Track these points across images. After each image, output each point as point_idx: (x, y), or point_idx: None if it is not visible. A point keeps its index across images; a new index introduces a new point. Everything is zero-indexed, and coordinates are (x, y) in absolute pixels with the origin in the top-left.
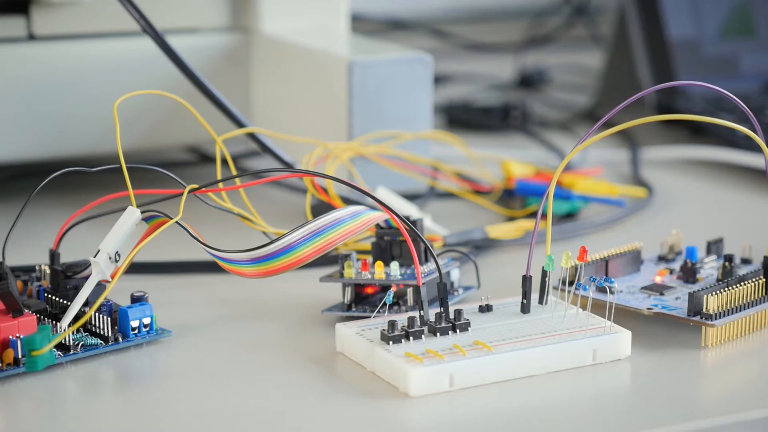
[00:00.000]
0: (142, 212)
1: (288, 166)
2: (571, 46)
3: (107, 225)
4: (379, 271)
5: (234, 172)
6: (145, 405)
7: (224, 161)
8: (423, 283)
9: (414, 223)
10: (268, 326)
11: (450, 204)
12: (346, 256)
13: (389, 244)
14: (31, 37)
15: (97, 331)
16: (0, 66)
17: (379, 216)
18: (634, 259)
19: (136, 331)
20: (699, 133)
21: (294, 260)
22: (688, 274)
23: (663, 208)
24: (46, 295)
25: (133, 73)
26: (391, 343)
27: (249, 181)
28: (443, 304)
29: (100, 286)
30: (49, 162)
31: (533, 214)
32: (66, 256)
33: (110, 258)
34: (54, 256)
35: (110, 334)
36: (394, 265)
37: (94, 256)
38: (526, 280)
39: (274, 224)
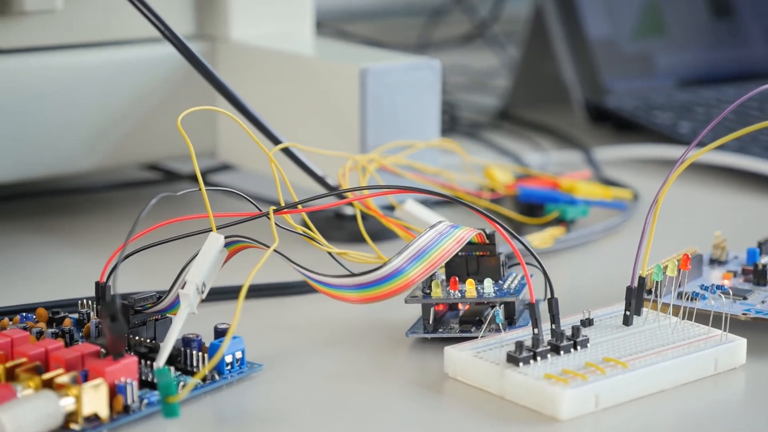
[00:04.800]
0: (225, 237)
1: (321, 181)
2: (457, 48)
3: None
4: (471, 288)
5: (292, 191)
6: None
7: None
8: (518, 300)
9: (491, 236)
10: (354, 352)
11: (446, 212)
12: (431, 275)
13: (465, 260)
14: None
15: (192, 369)
16: None
17: (470, 232)
18: (698, 264)
19: (230, 367)
20: (624, 131)
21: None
22: (759, 276)
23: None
24: None
25: (103, 85)
26: (521, 364)
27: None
28: (555, 320)
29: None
30: (16, 185)
31: (555, 221)
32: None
33: (197, 289)
34: (104, 289)
35: (207, 372)
36: (488, 283)
37: (182, 288)
38: (631, 292)
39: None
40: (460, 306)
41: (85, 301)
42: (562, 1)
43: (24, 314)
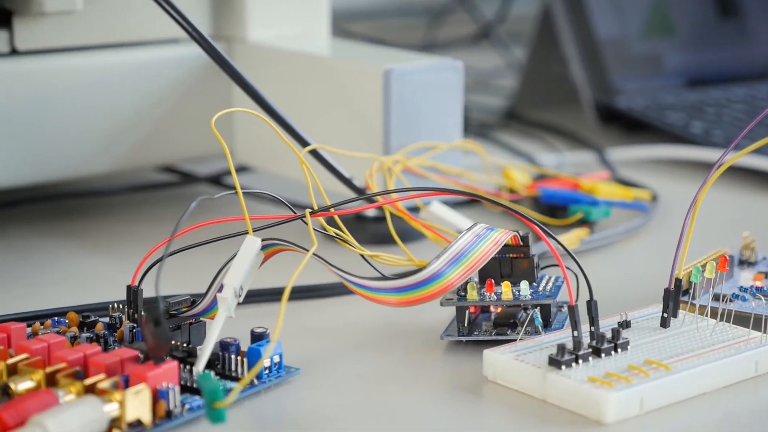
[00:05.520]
0: (262, 240)
1: (348, 183)
2: (460, 48)
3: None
4: (507, 291)
5: (324, 194)
6: None
7: (185, 174)
8: (553, 302)
9: (525, 238)
10: (388, 355)
11: (467, 213)
12: None
13: (498, 262)
14: (14, 51)
15: (231, 373)
16: None
17: (506, 234)
18: (729, 265)
19: (268, 371)
20: (634, 131)
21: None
22: None
23: (671, 210)
24: None
25: (122, 87)
26: (563, 367)
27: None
28: (595, 323)
29: None
30: (33, 187)
31: (578, 222)
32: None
33: (235, 293)
34: (136, 293)
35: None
36: (524, 285)
37: (219, 291)
38: (669, 294)
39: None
40: (492, 308)
41: (116, 304)
42: (571, 1)
43: (56, 318)
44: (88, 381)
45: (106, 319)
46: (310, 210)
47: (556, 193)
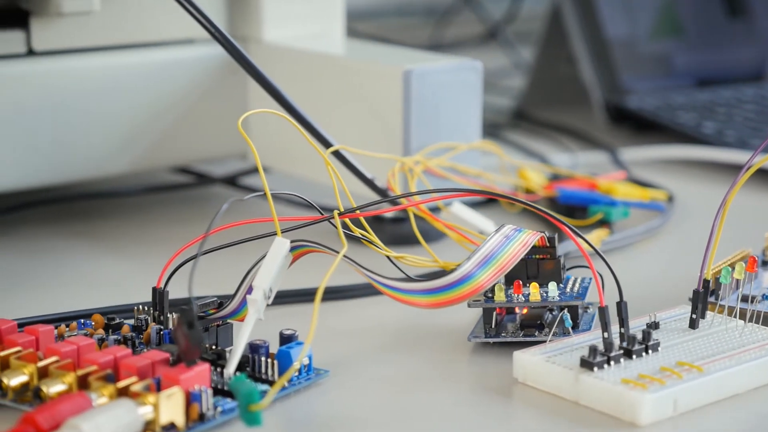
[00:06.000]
0: (291, 242)
1: (370, 184)
2: (466, 48)
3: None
4: (535, 292)
5: (349, 195)
6: None
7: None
8: (581, 303)
9: (552, 239)
10: (416, 356)
11: (484, 213)
12: None
13: (524, 263)
14: (31, 52)
15: (261, 376)
16: None
17: (535, 235)
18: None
19: (297, 374)
20: (643, 131)
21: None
22: None
23: (688, 210)
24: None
25: (138, 87)
26: (596, 369)
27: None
28: (625, 324)
29: None
30: (51, 189)
31: (598, 223)
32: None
33: (265, 294)
34: (162, 294)
35: (277, 379)
36: (552, 286)
37: (248, 293)
38: (698, 295)
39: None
40: (517, 310)
41: (141, 306)
42: (580, 1)
43: (81, 321)
44: (121, 384)
45: (131, 321)
46: (338, 211)
47: (573, 193)
